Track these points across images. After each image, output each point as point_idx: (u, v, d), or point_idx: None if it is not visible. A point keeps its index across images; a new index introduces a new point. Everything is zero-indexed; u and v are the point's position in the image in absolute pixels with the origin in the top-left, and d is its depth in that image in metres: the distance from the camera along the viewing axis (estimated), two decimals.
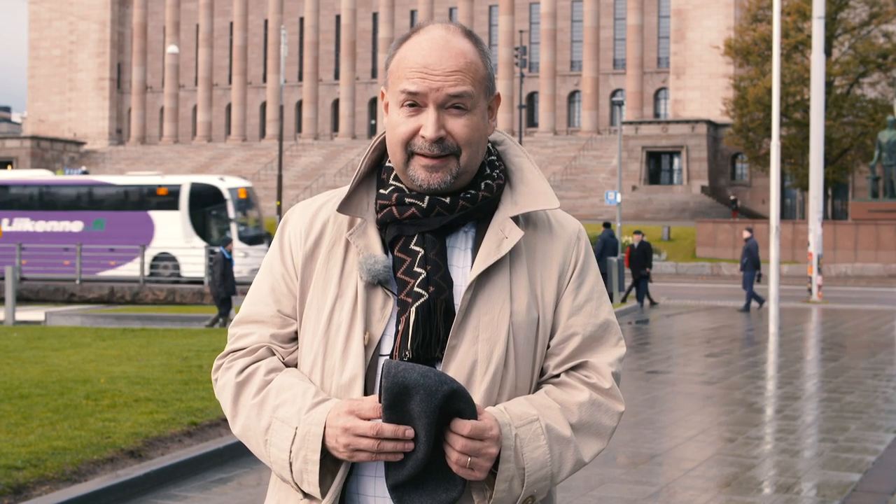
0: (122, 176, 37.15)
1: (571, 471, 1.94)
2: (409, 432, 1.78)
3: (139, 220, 32.58)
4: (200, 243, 31.75)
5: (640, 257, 24.65)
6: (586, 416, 1.96)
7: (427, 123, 1.91)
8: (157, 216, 32.87)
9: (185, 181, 33.84)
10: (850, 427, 9.35)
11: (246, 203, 33.63)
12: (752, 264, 23.50)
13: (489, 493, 1.86)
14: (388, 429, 1.78)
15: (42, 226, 33.72)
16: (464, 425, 1.80)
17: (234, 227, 32.32)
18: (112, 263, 32.58)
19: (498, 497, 1.85)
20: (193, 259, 31.57)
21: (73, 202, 34.08)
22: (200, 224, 32.39)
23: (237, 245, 31.13)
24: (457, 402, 1.79)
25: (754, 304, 24.05)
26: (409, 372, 1.77)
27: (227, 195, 32.59)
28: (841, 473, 7.55)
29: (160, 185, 33.44)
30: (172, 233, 32.47)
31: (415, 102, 1.92)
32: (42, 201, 34.36)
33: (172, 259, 32.47)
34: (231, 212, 32.53)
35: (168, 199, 33.00)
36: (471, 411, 1.81)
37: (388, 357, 1.92)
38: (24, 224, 33.83)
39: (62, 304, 29.11)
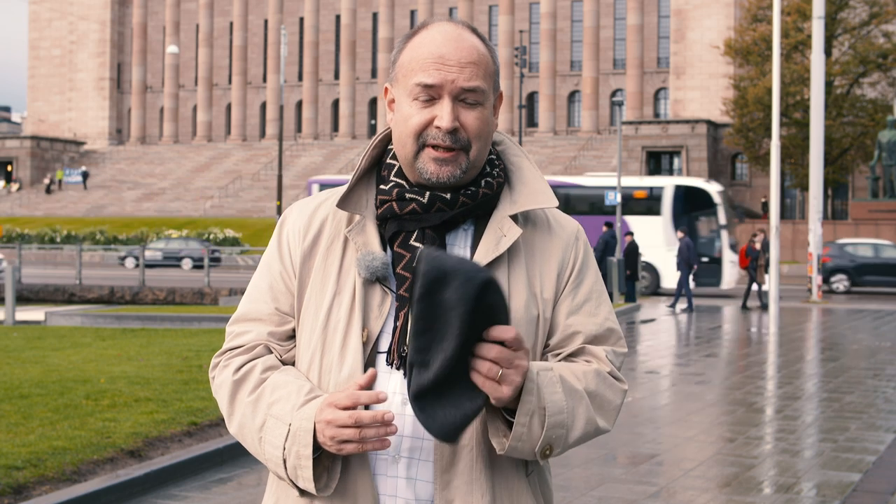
0: (585, 177, 33.73)
1: (583, 430, 1.89)
2: (389, 416, 1.76)
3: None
4: None
5: (626, 259, 24.80)
6: (593, 384, 1.93)
7: (443, 114, 1.91)
8: (633, 221, 29.05)
9: (668, 183, 30.64)
10: (850, 427, 9.35)
11: (733, 209, 29.92)
12: (684, 264, 23.66)
13: (508, 433, 1.83)
14: (366, 415, 1.77)
15: None
16: (507, 330, 1.73)
17: (724, 235, 28.87)
18: None
19: (517, 434, 1.81)
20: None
21: None
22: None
23: (728, 256, 28.38)
24: (491, 294, 1.70)
25: (680, 305, 24.26)
26: (446, 258, 1.71)
27: (717, 199, 29.22)
28: (841, 473, 7.54)
29: (638, 188, 30.52)
30: (652, 241, 28.71)
31: (429, 95, 1.92)
32: None
33: (653, 269, 29.15)
34: (722, 218, 29.09)
35: (647, 203, 29.91)
36: (504, 307, 1.73)
37: (385, 354, 1.92)
38: None
39: (62, 304, 29.11)
